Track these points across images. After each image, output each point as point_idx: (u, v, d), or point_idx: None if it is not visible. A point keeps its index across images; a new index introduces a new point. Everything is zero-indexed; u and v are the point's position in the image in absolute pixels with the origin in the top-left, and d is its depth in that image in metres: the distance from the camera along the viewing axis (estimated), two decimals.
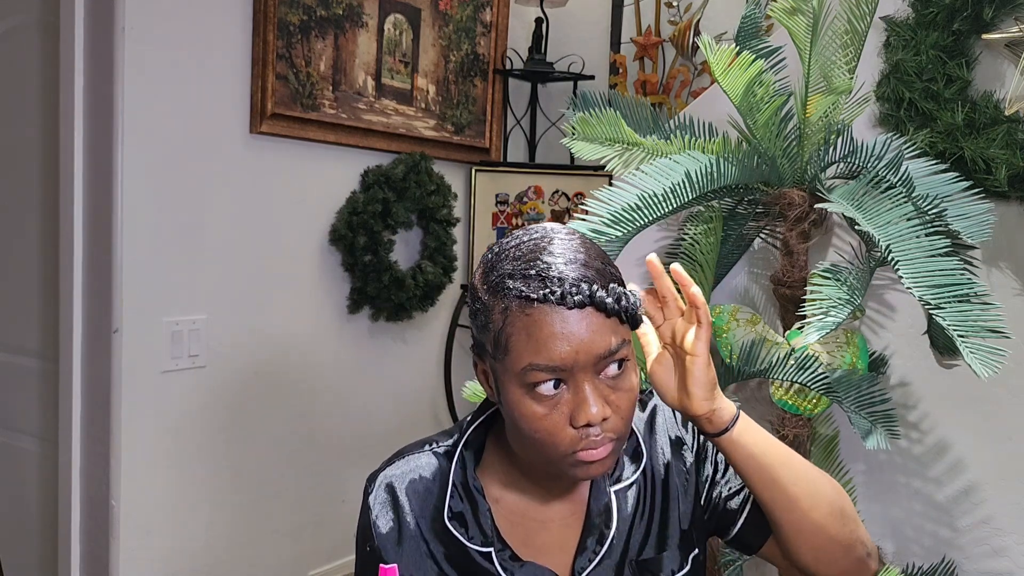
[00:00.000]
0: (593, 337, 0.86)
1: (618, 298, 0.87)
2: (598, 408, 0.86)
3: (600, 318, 0.86)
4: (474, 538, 0.97)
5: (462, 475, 0.99)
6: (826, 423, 1.75)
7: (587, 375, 0.87)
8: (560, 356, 0.85)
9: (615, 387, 0.88)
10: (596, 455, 0.88)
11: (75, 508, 2.09)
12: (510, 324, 0.87)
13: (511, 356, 0.87)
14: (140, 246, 2.01)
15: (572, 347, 0.85)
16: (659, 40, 2.86)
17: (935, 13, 1.63)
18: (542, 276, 0.86)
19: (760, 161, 1.55)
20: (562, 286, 0.85)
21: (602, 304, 0.86)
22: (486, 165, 2.92)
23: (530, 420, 0.88)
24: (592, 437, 0.87)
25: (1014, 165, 1.57)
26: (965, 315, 1.20)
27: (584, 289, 0.85)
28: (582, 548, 0.98)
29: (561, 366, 0.86)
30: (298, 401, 2.43)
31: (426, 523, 0.99)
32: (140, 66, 1.98)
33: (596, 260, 0.89)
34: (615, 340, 0.87)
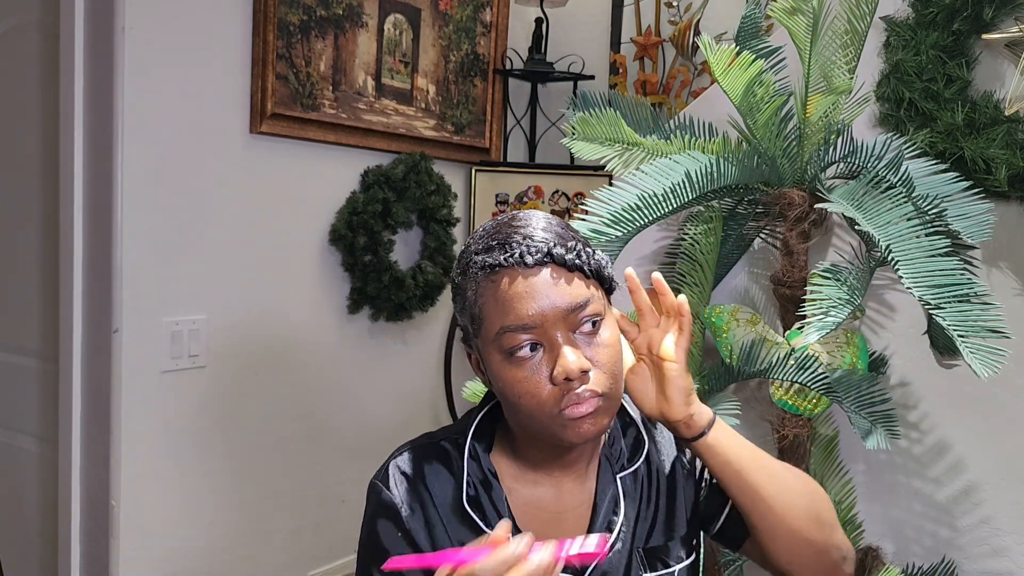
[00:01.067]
0: (557, 292, 0.88)
1: (577, 253, 0.90)
2: (575, 358, 0.87)
3: (562, 273, 0.89)
4: (492, 524, 0.97)
5: (475, 463, 0.99)
6: (826, 423, 1.75)
7: (560, 331, 0.89)
8: (528, 314, 0.88)
9: (591, 343, 0.90)
10: (582, 410, 0.89)
11: (75, 508, 2.09)
12: (480, 295, 0.90)
13: (485, 325, 0.90)
14: (140, 246, 2.01)
15: (538, 303, 0.88)
16: (659, 40, 2.86)
17: (935, 13, 1.63)
18: (503, 243, 0.90)
19: (760, 161, 1.55)
20: (520, 246, 0.89)
21: (561, 259, 0.89)
22: (486, 165, 2.92)
23: (513, 385, 0.90)
24: (574, 391, 0.88)
25: (1014, 165, 1.57)
26: (965, 315, 1.20)
27: (542, 247, 0.89)
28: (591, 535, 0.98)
29: (530, 323, 0.88)
30: (298, 401, 2.43)
31: (445, 511, 0.98)
32: (140, 66, 1.98)
33: (558, 227, 0.94)
34: (583, 292, 0.89)
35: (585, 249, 0.91)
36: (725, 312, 1.59)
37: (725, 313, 1.59)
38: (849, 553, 1.02)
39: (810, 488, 1.00)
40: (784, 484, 0.97)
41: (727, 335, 1.58)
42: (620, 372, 0.93)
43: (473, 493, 0.98)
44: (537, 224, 0.92)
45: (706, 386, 1.62)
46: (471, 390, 1.60)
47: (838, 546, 1.00)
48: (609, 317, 0.93)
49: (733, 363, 1.57)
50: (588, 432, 0.90)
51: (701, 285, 1.67)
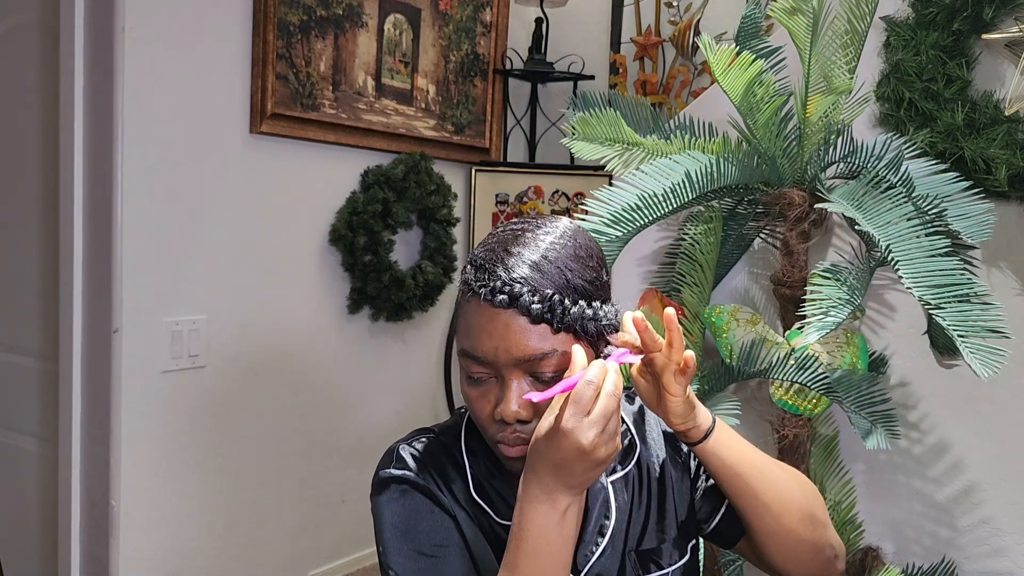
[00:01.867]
0: (514, 339, 0.86)
1: (550, 306, 0.86)
2: (515, 408, 0.87)
3: (524, 322, 0.86)
4: (500, 511, 0.98)
5: (475, 458, 1.00)
6: (826, 423, 1.75)
7: (513, 373, 0.88)
8: (482, 349, 0.88)
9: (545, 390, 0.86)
10: (510, 452, 0.90)
11: (75, 508, 2.09)
12: (460, 306, 0.91)
13: (457, 335, 0.92)
14: (140, 246, 2.01)
15: (492, 344, 0.87)
16: (659, 40, 2.86)
17: (935, 13, 1.63)
18: (487, 268, 0.88)
19: (760, 161, 1.55)
20: (493, 282, 0.86)
21: (525, 309, 0.85)
22: (486, 165, 2.92)
23: (466, 399, 0.92)
24: (506, 433, 0.90)
25: (1014, 165, 1.57)
26: (965, 315, 1.20)
27: (511, 290, 0.85)
28: (582, 539, 0.98)
29: (483, 359, 0.88)
30: (298, 401, 2.43)
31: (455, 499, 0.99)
32: (140, 66, 1.98)
33: (562, 265, 0.88)
34: (542, 346, 0.86)
35: (564, 302, 0.86)
36: (725, 312, 1.59)
37: (725, 313, 1.59)
38: (841, 551, 1.03)
39: (805, 488, 1.01)
40: (782, 485, 0.98)
41: (727, 335, 1.58)
42: None
43: (479, 484, 0.99)
44: (530, 257, 0.88)
45: (706, 386, 1.62)
46: None
47: (831, 544, 1.02)
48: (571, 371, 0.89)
49: (733, 363, 1.57)
50: (515, 468, 0.91)
51: (701, 285, 1.67)
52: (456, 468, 1.00)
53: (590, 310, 0.88)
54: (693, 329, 1.66)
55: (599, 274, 0.92)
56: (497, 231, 0.94)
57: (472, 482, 0.98)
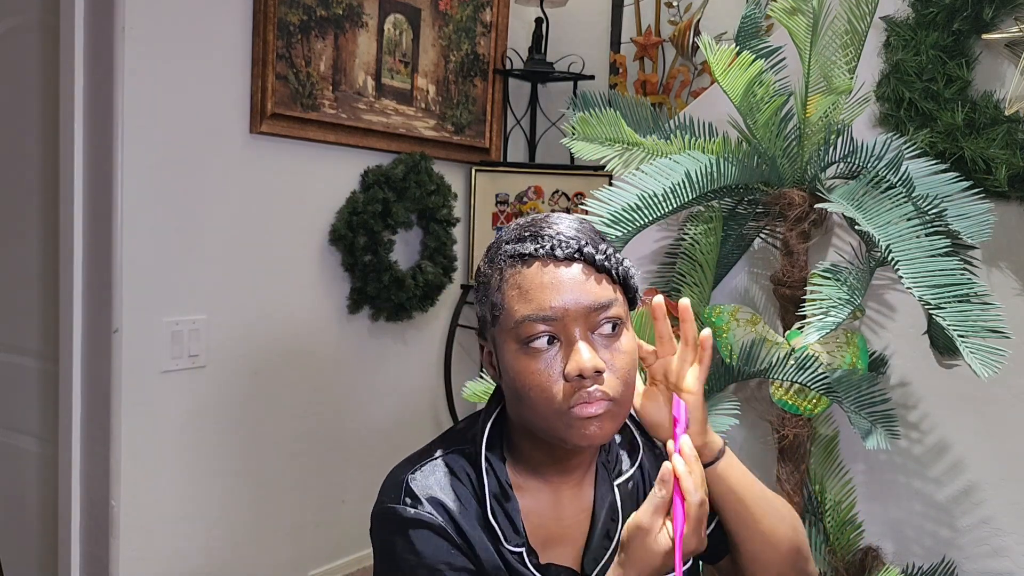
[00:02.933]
0: (583, 288, 0.88)
1: (607, 256, 0.90)
2: (589, 356, 0.87)
3: (591, 271, 0.89)
4: (508, 539, 0.95)
5: (494, 476, 0.96)
6: (826, 423, 1.75)
7: (579, 328, 0.88)
8: (550, 305, 0.87)
9: (609, 346, 0.89)
10: (590, 410, 0.87)
11: (75, 508, 2.09)
12: (505, 282, 0.90)
13: (505, 313, 0.90)
14: (140, 246, 2.01)
15: (562, 297, 0.88)
16: (659, 40, 2.86)
17: (935, 13, 1.63)
18: (536, 235, 0.90)
19: (760, 161, 1.55)
20: (552, 240, 0.89)
21: (591, 258, 0.89)
22: (486, 165, 2.92)
23: (524, 376, 0.89)
24: (586, 389, 0.87)
25: (1014, 165, 1.57)
26: (965, 315, 1.20)
27: (573, 244, 0.89)
28: (590, 544, 0.98)
29: (552, 315, 0.87)
30: (298, 401, 2.43)
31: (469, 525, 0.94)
32: (140, 66, 1.98)
33: (591, 230, 0.94)
34: (607, 294, 0.89)
35: (616, 254, 0.91)
36: (725, 312, 1.59)
37: (725, 313, 1.59)
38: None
39: (796, 522, 1.05)
40: (777, 516, 1.01)
41: (727, 335, 1.58)
42: (633, 381, 0.92)
43: (495, 508, 0.95)
44: (571, 223, 0.93)
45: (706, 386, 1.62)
46: (471, 390, 1.60)
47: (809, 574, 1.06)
48: (629, 325, 0.93)
49: (733, 363, 1.57)
50: (594, 436, 0.88)
51: (701, 285, 1.67)
52: (470, 489, 0.95)
53: (631, 268, 0.93)
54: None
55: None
56: (507, 228, 0.96)
57: (490, 503, 0.94)
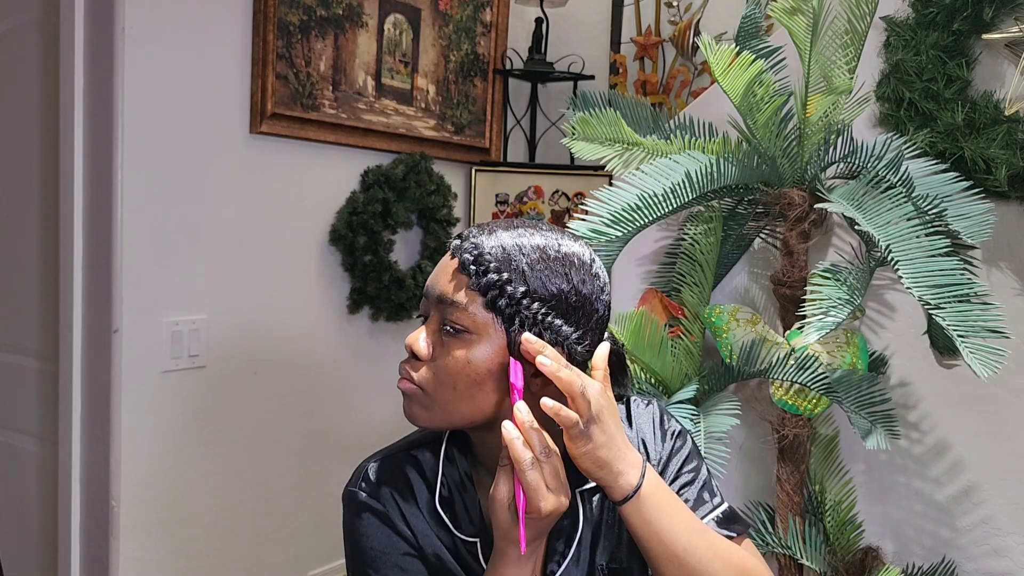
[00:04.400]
0: (442, 279, 0.93)
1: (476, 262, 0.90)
2: (414, 343, 0.93)
3: (455, 267, 0.92)
4: (463, 527, 0.97)
5: (452, 464, 1.00)
6: (826, 423, 1.75)
7: (435, 315, 0.93)
8: (427, 283, 0.95)
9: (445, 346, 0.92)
10: (401, 385, 0.94)
11: (75, 508, 2.09)
12: None
13: None
14: (140, 246, 2.01)
15: (432, 279, 0.94)
16: (659, 40, 2.86)
17: (935, 13, 1.63)
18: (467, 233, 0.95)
19: (760, 161, 1.55)
20: (460, 239, 0.94)
21: (457, 250, 0.93)
22: (486, 165, 2.92)
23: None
24: (402, 370, 0.94)
25: (1014, 165, 1.57)
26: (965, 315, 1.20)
27: (467, 246, 0.92)
28: (550, 550, 0.97)
29: (424, 292, 0.95)
30: (298, 401, 2.43)
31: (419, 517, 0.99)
32: (140, 66, 1.98)
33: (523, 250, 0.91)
34: (456, 296, 0.91)
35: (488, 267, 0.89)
36: (725, 312, 1.59)
37: (725, 313, 1.59)
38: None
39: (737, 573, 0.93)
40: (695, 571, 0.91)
41: (727, 335, 1.58)
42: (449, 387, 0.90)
43: (447, 494, 0.98)
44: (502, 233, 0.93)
45: (706, 386, 1.62)
46: None
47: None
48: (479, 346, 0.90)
49: (733, 363, 1.57)
50: (405, 410, 0.94)
51: (701, 285, 1.67)
52: (424, 481, 1.00)
53: (514, 291, 0.89)
54: (693, 329, 1.66)
55: (570, 290, 0.90)
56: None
57: (440, 492, 0.98)
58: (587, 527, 0.99)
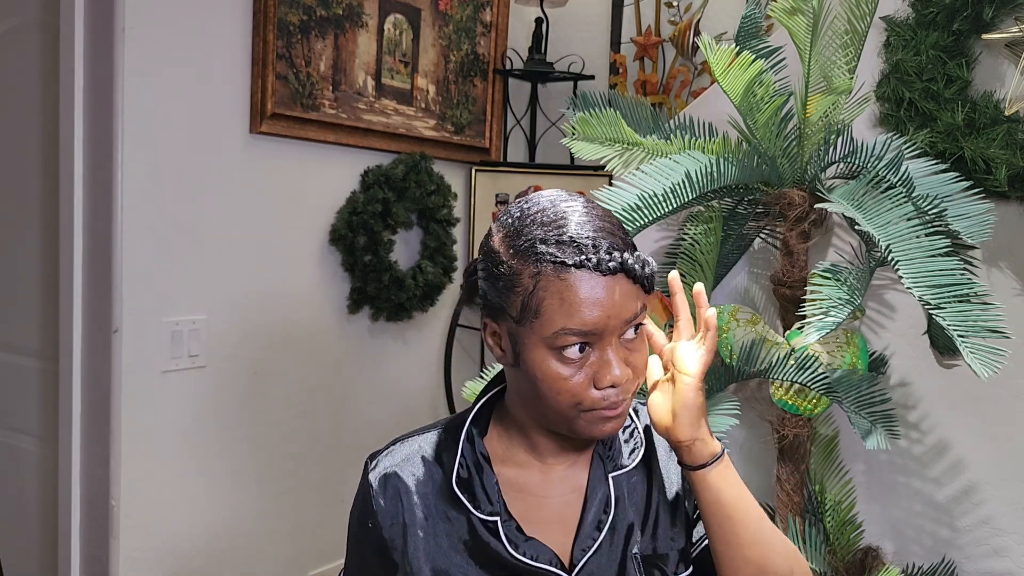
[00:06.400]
0: (623, 303, 0.89)
1: (643, 264, 0.90)
2: (621, 371, 0.90)
3: (628, 284, 0.89)
4: (481, 506, 0.97)
5: (470, 446, 1.00)
6: (826, 423, 1.75)
7: (612, 338, 0.90)
8: (593, 321, 0.87)
9: (632, 348, 0.92)
10: (616, 412, 0.92)
11: (75, 508, 2.09)
12: (543, 288, 0.88)
13: (542, 320, 0.89)
14: (140, 246, 2.01)
15: (604, 312, 0.88)
16: (659, 40, 2.86)
17: (935, 13, 1.63)
18: (576, 243, 0.88)
19: (760, 161, 1.55)
20: (597, 253, 0.88)
21: (632, 271, 0.89)
22: (486, 165, 2.92)
23: (554, 381, 0.90)
24: (613, 399, 0.90)
25: (1014, 165, 1.57)
26: (965, 315, 1.20)
27: (617, 257, 0.88)
28: (580, 533, 0.98)
29: (593, 330, 0.88)
30: (298, 401, 2.43)
31: (432, 497, 0.99)
32: (140, 66, 1.98)
33: (619, 229, 0.93)
34: (639, 305, 0.91)
35: (646, 259, 0.91)
36: (725, 312, 1.59)
37: (725, 313, 1.59)
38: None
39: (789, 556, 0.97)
40: (766, 546, 0.95)
41: (727, 335, 1.58)
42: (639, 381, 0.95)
43: (465, 475, 0.98)
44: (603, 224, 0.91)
45: (706, 386, 1.62)
46: (471, 390, 1.60)
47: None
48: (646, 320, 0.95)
49: (733, 363, 1.57)
50: (611, 431, 0.93)
51: None
52: (438, 464, 1.00)
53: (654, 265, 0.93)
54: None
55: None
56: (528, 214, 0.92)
57: (457, 471, 0.98)
58: (620, 514, 0.99)
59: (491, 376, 1.06)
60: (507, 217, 0.94)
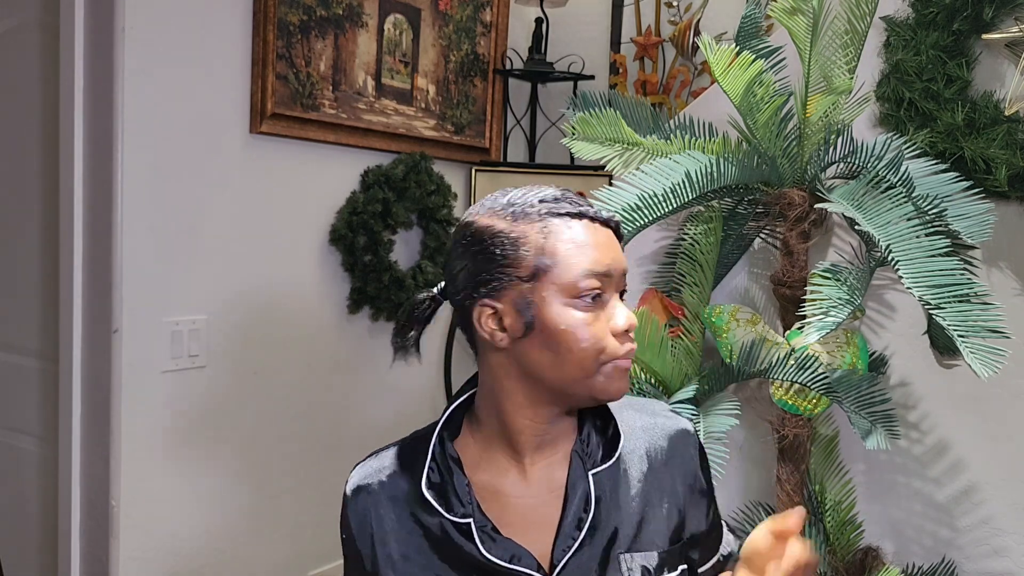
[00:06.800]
0: (620, 253, 0.96)
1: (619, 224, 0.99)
2: (632, 315, 0.95)
3: (612, 237, 0.96)
4: (453, 509, 0.96)
5: (440, 449, 1.00)
6: (826, 423, 1.75)
7: (615, 288, 0.96)
8: (607, 262, 0.93)
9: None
10: (628, 363, 0.95)
11: (75, 508, 2.09)
12: (555, 236, 0.93)
13: (560, 267, 0.92)
14: (140, 246, 2.01)
15: (613, 256, 0.94)
16: (659, 40, 2.86)
17: (935, 13, 1.63)
18: (567, 199, 0.95)
19: (760, 161, 1.55)
20: (591, 207, 0.95)
21: (617, 229, 0.97)
22: (486, 165, 2.92)
23: (577, 329, 0.92)
24: (630, 344, 0.95)
25: (1014, 165, 1.57)
26: (965, 315, 1.20)
27: (602, 214, 0.96)
28: (560, 533, 0.96)
29: (608, 271, 0.93)
30: (298, 401, 2.43)
31: (405, 504, 0.99)
32: (140, 66, 1.98)
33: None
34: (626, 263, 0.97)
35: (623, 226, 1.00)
36: (725, 312, 1.59)
37: (725, 313, 1.59)
38: None
39: None
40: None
41: (727, 335, 1.58)
42: None
43: (437, 479, 0.98)
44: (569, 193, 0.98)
45: (706, 386, 1.62)
46: None
47: None
48: None
49: (733, 363, 1.57)
50: (624, 389, 0.95)
51: (701, 285, 1.67)
52: (411, 471, 1.01)
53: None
54: (693, 329, 1.66)
55: None
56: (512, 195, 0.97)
57: (427, 475, 0.98)
58: (602, 512, 0.97)
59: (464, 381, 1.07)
60: (485, 202, 0.98)
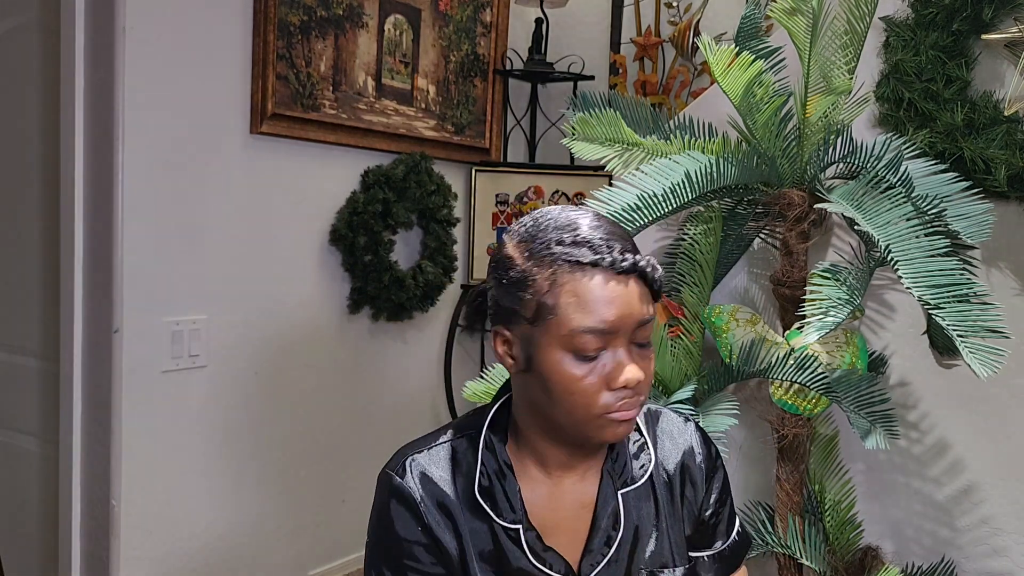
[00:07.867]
0: (636, 303, 0.91)
1: (653, 268, 0.92)
2: (635, 369, 0.91)
3: (640, 286, 0.92)
4: (504, 515, 0.97)
5: (491, 453, 0.99)
6: (826, 423, 1.75)
7: (625, 340, 0.91)
8: (609, 319, 0.89)
9: (642, 355, 0.93)
10: (629, 415, 0.93)
11: (75, 508, 2.09)
12: (558, 287, 0.90)
13: (557, 318, 0.90)
14: (140, 246, 2.01)
15: (619, 311, 0.90)
16: (659, 40, 2.86)
17: (935, 13, 1.63)
18: (591, 243, 0.90)
19: (760, 161, 1.55)
20: (611, 253, 0.90)
21: (644, 273, 0.91)
22: (486, 165, 2.92)
23: (569, 382, 0.91)
24: (627, 399, 0.92)
25: (1014, 165, 1.57)
26: (965, 315, 1.20)
27: (630, 258, 0.90)
28: (589, 549, 0.98)
29: (608, 329, 0.90)
30: (298, 401, 2.43)
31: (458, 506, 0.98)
32: (140, 66, 1.98)
33: (628, 236, 0.95)
34: (651, 309, 0.93)
35: (655, 263, 0.93)
36: (725, 312, 1.59)
37: (725, 313, 1.59)
38: None
39: None
40: None
41: (727, 335, 1.58)
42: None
43: (487, 484, 0.98)
44: (614, 230, 0.94)
45: (705, 386, 1.62)
46: (471, 390, 1.60)
47: None
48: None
49: (733, 363, 1.57)
50: (621, 435, 0.94)
51: (701, 285, 1.67)
52: (464, 472, 0.99)
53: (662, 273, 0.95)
54: (693, 329, 1.66)
55: None
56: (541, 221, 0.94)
57: (479, 480, 0.98)
58: (628, 529, 1.00)
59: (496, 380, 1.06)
60: (520, 226, 0.96)
